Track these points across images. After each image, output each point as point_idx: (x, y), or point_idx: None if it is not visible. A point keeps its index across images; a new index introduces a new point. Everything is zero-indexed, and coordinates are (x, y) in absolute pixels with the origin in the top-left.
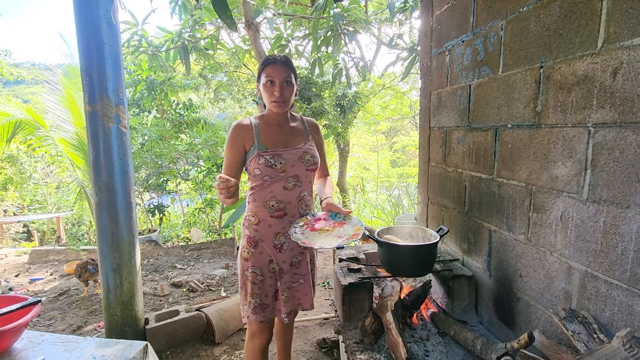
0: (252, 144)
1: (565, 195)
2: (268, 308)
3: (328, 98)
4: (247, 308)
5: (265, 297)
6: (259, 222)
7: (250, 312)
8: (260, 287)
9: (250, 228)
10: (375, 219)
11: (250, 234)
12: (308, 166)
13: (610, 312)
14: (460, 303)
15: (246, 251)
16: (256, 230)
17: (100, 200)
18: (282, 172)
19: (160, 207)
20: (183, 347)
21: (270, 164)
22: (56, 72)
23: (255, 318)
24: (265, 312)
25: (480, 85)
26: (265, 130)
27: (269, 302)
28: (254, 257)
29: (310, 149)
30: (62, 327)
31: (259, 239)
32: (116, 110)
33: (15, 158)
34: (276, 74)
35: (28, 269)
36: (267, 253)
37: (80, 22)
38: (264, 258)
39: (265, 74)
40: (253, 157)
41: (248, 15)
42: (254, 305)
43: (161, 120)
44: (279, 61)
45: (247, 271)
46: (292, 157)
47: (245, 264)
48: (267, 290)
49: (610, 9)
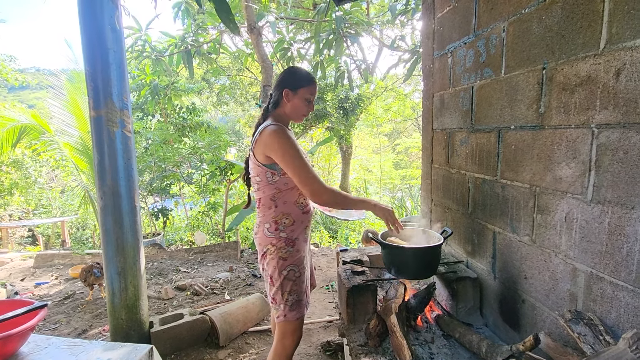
0: None
1: (569, 197)
2: (302, 302)
3: (331, 101)
4: (283, 306)
5: (302, 292)
6: (294, 222)
7: (287, 311)
8: (297, 283)
9: (286, 230)
10: (378, 221)
11: (288, 235)
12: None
13: (616, 314)
14: (465, 305)
15: (284, 251)
16: (292, 231)
17: (105, 204)
18: None
19: (164, 210)
20: (187, 351)
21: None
22: (60, 78)
23: (293, 315)
24: (301, 307)
25: (482, 87)
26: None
27: (302, 297)
28: (291, 255)
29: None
30: (68, 331)
31: (295, 238)
32: (121, 115)
33: (20, 163)
34: (314, 95)
35: (33, 273)
36: (302, 249)
37: (85, 28)
38: (300, 255)
39: (309, 92)
40: None
41: (250, 19)
42: (291, 302)
43: (165, 124)
44: (316, 83)
45: (285, 270)
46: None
47: (283, 264)
48: (301, 286)
49: (612, 10)
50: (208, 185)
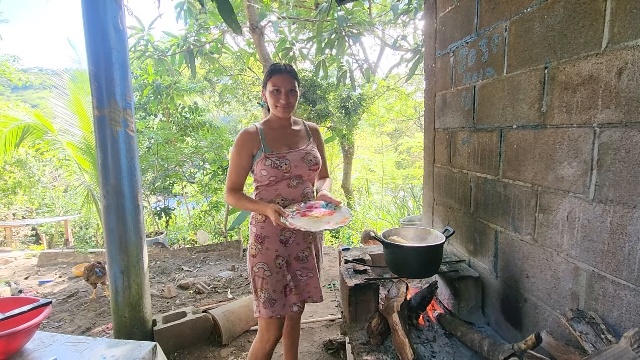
0: (259, 147)
1: (571, 196)
2: (277, 303)
3: (333, 100)
4: (257, 303)
5: (274, 292)
6: (266, 219)
7: (261, 307)
8: (268, 282)
9: (257, 226)
10: (380, 220)
11: (257, 231)
12: (310, 166)
13: (618, 313)
14: (467, 304)
15: (254, 248)
16: (263, 228)
17: (108, 204)
18: (286, 172)
19: (167, 209)
20: (190, 349)
21: (276, 165)
22: (63, 77)
23: (266, 312)
24: (275, 307)
25: (484, 86)
26: (270, 134)
27: (277, 297)
28: (261, 253)
29: (312, 150)
30: (71, 329)
31: (265, 236)
32: (124, 115)
33: (24, 162)
34: (282, 84)
35: (37, 271)
36: (274, 249)
37: (89, 28)
38: (271, 254)
39: (272, 83)
40: (260, 160)
41: (252, 19)
42: (263, 300)
43: (167, 123)
44: (285, 71)
45: (255, 267)
46: (295, 158)
47: (253, 261)
48: (275, 285)
49: (615, 9)
50: (210, 184)
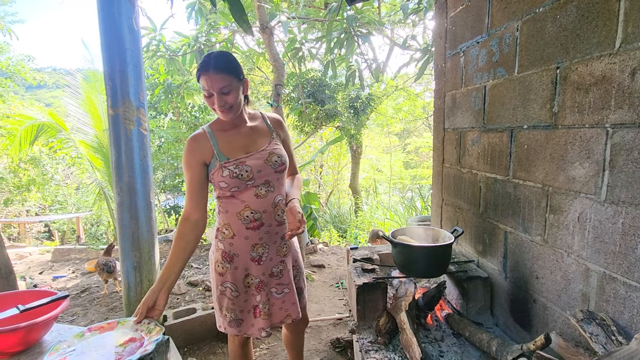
0: (212, 155)
1: (582, 197)
2: (244, 323)
3: (341, 100)
4: (222, 320)
5: (241, 312)
6: (234, 236)
7: (226, 325)
8: (235, 302)
9: (224, 242)
10: (388, 220)
11: (225, 248)
12: (276, 168)
13: (629, 314)
14: (476, 304)
15: (220, 266)
16: (231, 245)
17: (122, 201)
18: (249, 180)
19: (176, 207)
20: (200, 344)
21: (235, 175)
22: (77, 77)
23: (232, 331)
24: (242, 327)
25: (495, 86)
26: (222, 138)
27: (245, 317)
28: (229, 272)
29: (275, 149)
30: (84, 323)
31: (234, 254)
32: (137, 114)
33: (37, 160)
34: (210, 85)
35: (51, 266)
36: (243, 267)
37: (104, 29)
38: (239, 273)
39: (201, 85)
40: (215, 170)
41: (262, 19)
42: (229, 319)
43: (177, 122)
44: (212, 69)
45: (222, 286)
46: (257, 162)
47: (219, 279)
48: (243, 305)
49: (628, 9)
50: None
